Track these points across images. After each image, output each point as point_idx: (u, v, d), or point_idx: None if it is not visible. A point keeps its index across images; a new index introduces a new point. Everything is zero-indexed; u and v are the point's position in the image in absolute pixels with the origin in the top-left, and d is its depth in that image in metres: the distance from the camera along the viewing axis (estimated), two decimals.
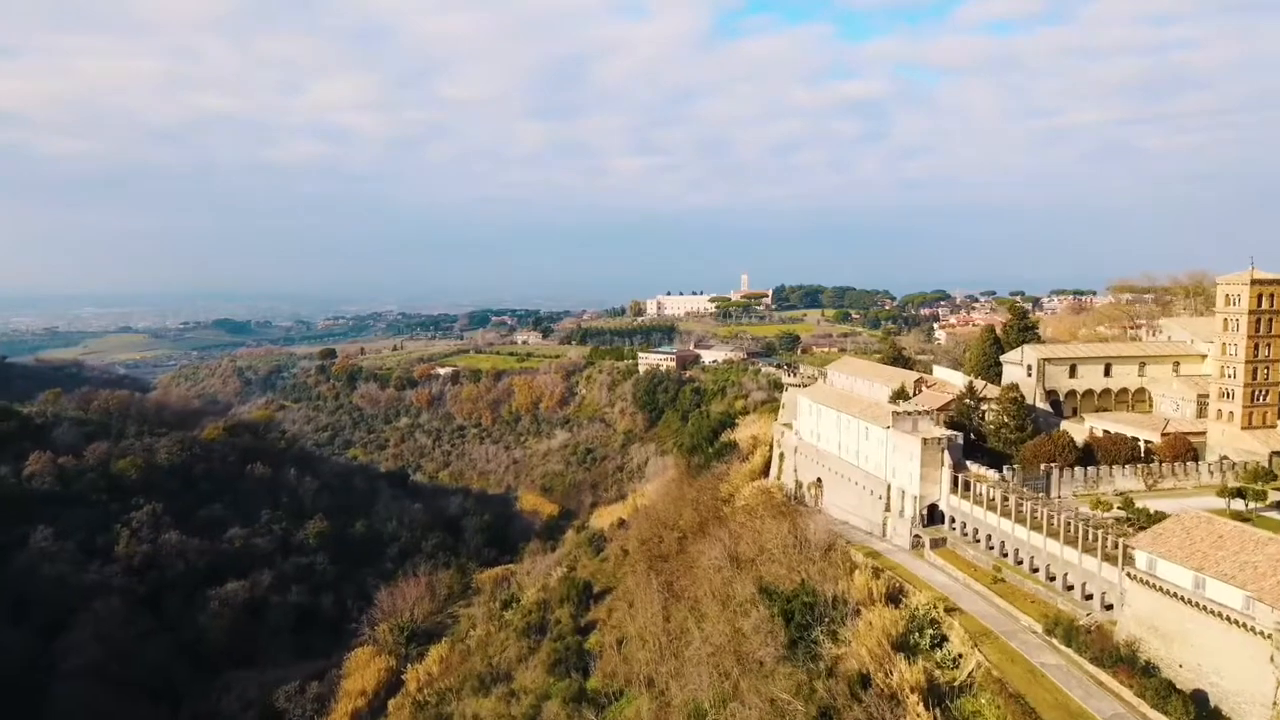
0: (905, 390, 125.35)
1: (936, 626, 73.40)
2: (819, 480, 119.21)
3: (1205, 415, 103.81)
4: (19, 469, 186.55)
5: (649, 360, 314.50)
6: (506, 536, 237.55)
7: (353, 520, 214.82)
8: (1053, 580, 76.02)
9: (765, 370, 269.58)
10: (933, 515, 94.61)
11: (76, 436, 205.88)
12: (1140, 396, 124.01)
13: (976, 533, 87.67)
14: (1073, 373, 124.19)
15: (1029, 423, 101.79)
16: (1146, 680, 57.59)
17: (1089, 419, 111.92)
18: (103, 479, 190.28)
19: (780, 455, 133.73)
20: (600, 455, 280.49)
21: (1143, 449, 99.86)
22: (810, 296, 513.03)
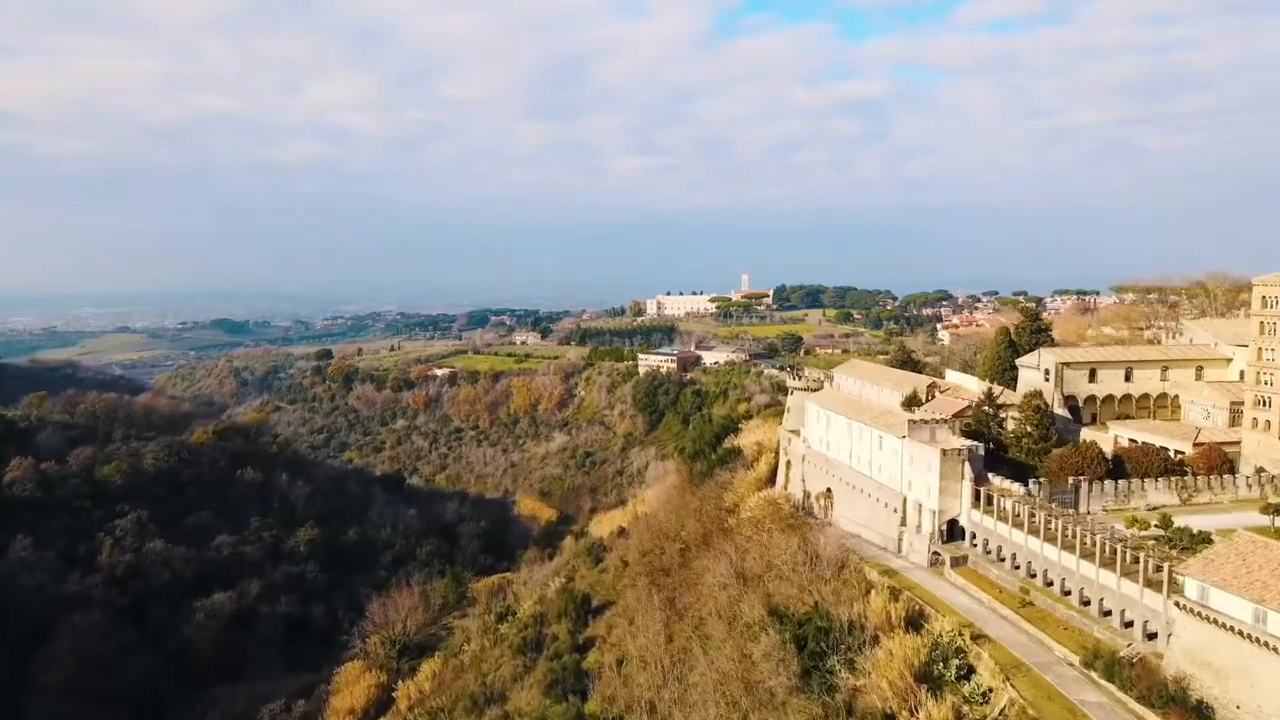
0: (917, 396, 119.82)
1: (962, 656, 67.87)
2: (828, 491, 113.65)
3: (1239, 424, 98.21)
4: (0, 475, 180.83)
5: (649, 362, 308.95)
6: (503, 542, 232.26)
7: (345, 527, 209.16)
8: (1087, 605, 70.48)
9: (768, 372, 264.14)
10: (952, 531, 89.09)
11: (61, 441, 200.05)
12: (1162, 402, 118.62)
13: (1000, 551, 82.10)
14: (1092, 377, 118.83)
15: (1053, 432, 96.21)
16: None
17: (1113, 427, 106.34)
18: (86, 485, 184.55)
19: (787, 463, 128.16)
20: (599, 459, 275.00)
21: (1174, 460, 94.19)
22: (811, 296, 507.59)
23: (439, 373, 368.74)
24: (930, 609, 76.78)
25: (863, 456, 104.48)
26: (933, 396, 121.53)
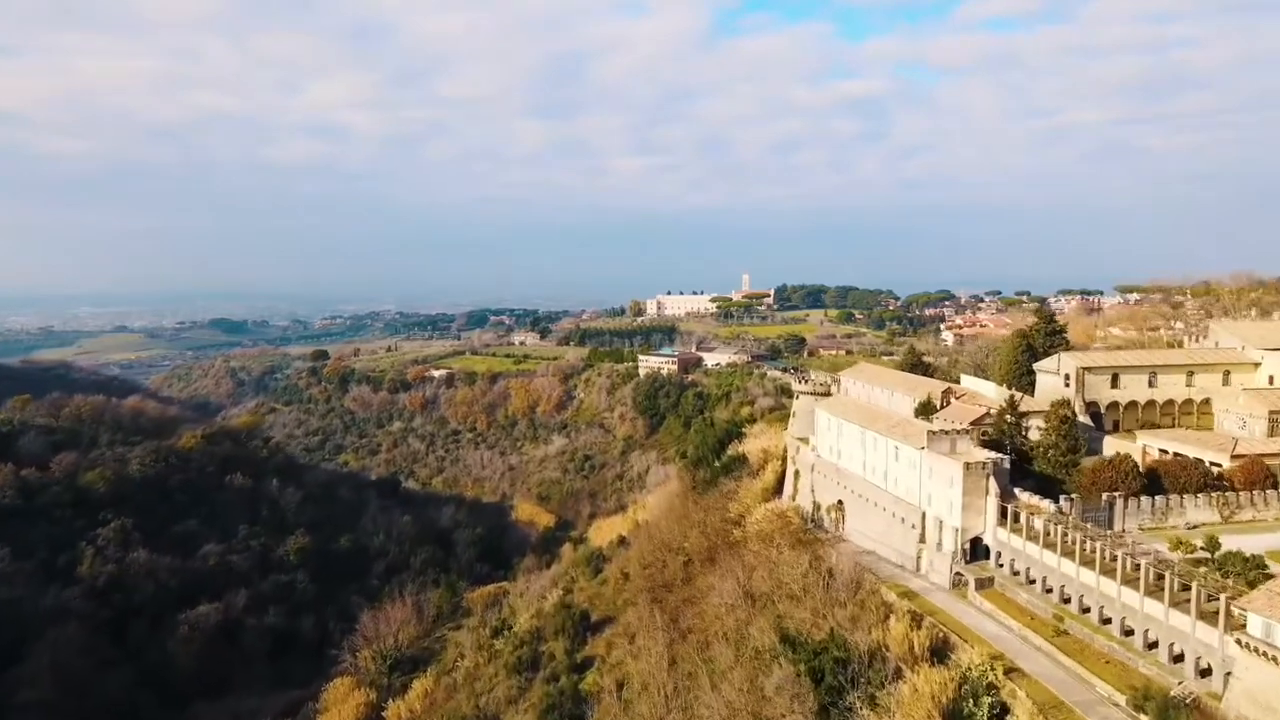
0: (932, 402, 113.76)
1: (995, 693, 61.94)
2: (840, 503, 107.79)
3: (1278, 434, 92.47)
4: None
5: (649, 363, 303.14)
6: (500, 549, 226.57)
7: (337, 534, 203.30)
8: (1129, 636, 64.64)
9: (771, 374, 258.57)
10: (975, 549, 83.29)
11: (44, 446, 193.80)
12: (1187, 408, 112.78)
13: (1029, 572, 76.23)
14: (1114, 382, 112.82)
15: (1081, 443, 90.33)
16: None
17: (1141, 437, 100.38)
18: (68, 492, 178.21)
19: (795, 473, 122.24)
20: (599, 463, 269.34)
21: (1211, 474, 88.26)
22: (813, 296, 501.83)
23: (436, 374, 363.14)
24: (956, 637, 70.90)
25: (877, 468, 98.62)
26: (948, 403, 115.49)
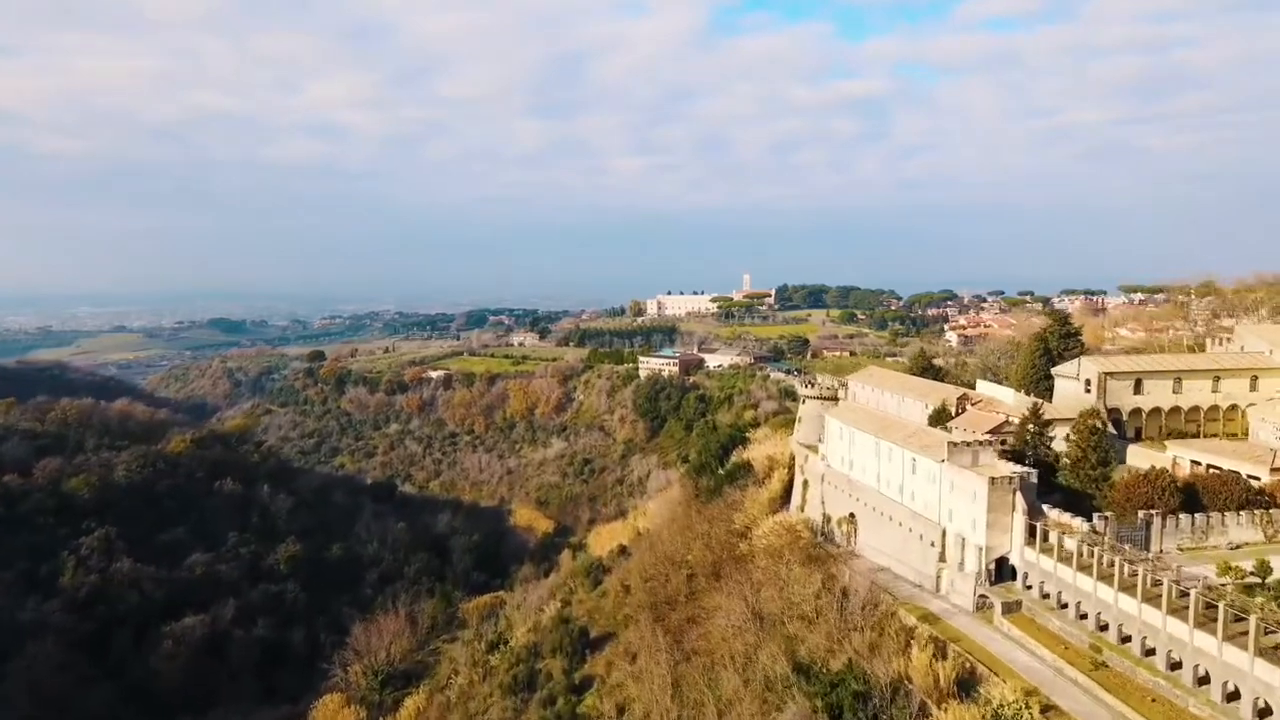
0: (947, 409, 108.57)
1: None
2: (852, 515, 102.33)
3: None
4: None
5: (650, 365, 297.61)
6: (498, 555, 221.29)
7: (330, 541, 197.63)
8: (1176, 670, 59.23)
9: (774, 376, 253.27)
10: (1000, 569, 77.90)
11: (27, 451, 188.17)
12: (1213, 415, 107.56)
13: (1061, 597, 70.81)
14: (1138, 388, 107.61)
15: (1113, 456, 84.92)
16: None
17: (1172, 447, 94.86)
18: (51, 499, 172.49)
19: (804, 483, 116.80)
20: (599, 466, 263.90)
21: (1252, 489, 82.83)
22: (814, 296, 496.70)
23: (434, 375, 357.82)
24: (984, 668, 65.53)
25: (893, 480, 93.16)
26: (963, 410, 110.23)
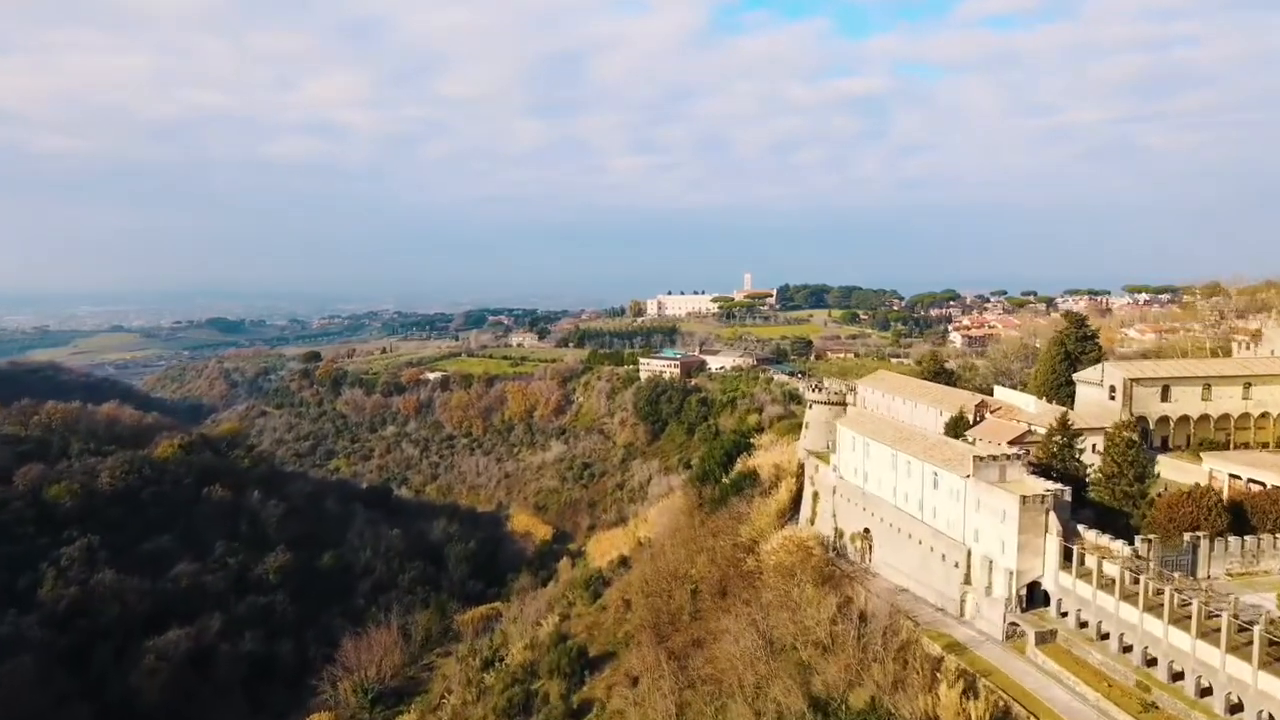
0: (965, 417, 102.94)
1: None
2: (866, 531, 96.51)
3: None
4: None
5: (651, 367, 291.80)
6: (495, 563, 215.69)
7: (321, 550, 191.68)
8: (1237, 713, 53.61)
9: (778, 378, 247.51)
10: (1032, 594, 72.17)
11: (8, 457, 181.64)
12: (1244, 423, 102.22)
13: (1101, 627, 65.04)
14: (1165, 395, 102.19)
15: (1149, 470, 79.18)
16: None
17: (1208, 460, 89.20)
18: (32, 508, 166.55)
19: (814, 495, 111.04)
20: (598, 471, 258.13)
21: None
22: (815, 296, 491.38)
23: (431, 376, 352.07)
24: (1020, 707, 59.86)
25: (911, 495, 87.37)
26: (983, 418, 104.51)
